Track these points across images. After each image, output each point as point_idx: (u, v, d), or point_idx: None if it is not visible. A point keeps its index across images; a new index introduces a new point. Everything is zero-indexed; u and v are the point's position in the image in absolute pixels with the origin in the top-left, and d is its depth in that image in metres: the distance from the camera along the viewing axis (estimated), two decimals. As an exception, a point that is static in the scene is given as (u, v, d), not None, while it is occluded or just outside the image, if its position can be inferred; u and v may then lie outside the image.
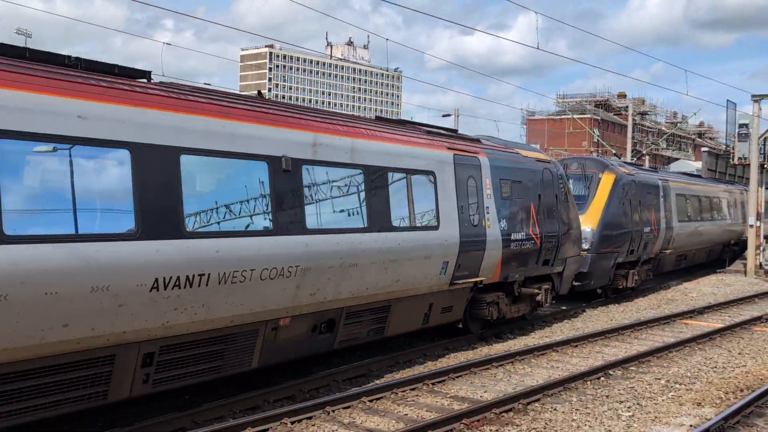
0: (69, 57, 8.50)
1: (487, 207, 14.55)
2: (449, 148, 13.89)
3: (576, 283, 19.52)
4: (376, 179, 11.70)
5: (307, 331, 10.86)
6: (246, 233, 9.38)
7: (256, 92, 11.52)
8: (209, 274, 8.75)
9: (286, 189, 10.03)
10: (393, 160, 12.14)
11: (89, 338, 7.75)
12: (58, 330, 7.38)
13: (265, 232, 9.62)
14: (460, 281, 13.85)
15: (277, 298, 9.87)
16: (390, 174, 12.04)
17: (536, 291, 16.47)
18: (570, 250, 17.81)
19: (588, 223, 20.29)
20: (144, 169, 8.19)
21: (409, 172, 12.49)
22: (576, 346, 14.99)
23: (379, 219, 11.64)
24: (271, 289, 9.67)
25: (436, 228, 12.96)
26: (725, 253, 34.84)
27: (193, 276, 8.57)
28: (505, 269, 15.17)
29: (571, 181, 20.67)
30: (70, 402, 7.91)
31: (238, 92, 11.55)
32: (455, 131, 15.97)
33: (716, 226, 31.99)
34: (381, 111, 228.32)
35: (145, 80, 9.13)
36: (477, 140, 15.63)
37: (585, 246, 19.67)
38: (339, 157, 11.05)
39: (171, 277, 8.32)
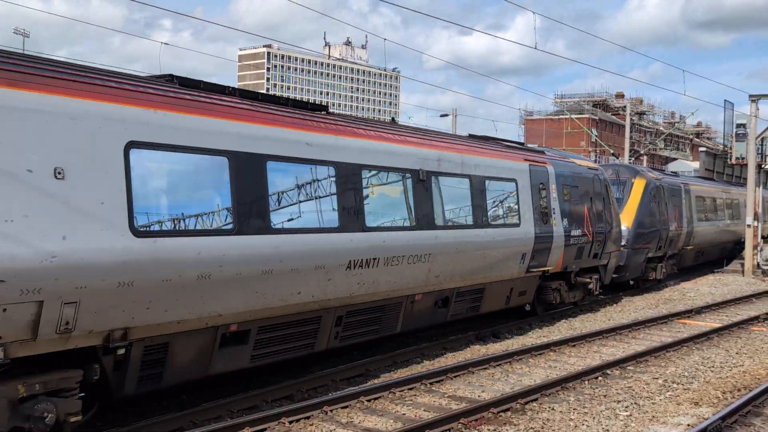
0: (258, 94, 11.20)
1: (554, 208, 17.39)
2: (525, 159, 16.73)
3: (614, 275, 21.89)
4: (477, 185, 14.65)
5: (431, 306, 13.94)
6: (399, 228, 12.49)
7: (390, 118, 14.41)
8: (379, 258, 11.87)
9: (422, 195, 13.13)
10: (488, 170, 15.07)
11: (310, 302, 10.79)
12: (295, 296, 10.39)
13: (409, 228, 12.71)
14: (534, 270, 16.76)
15: (415, 279, 12.96)
16: (486, 181, 14.97)
17: (588, 280, 19.38)
18: (613, 245, 20.59)
19: (624, 222, 22.69)
20: (342, 182, 11.37)
21: (499, 179, 15.43)
22: (574, 345, 15.00)
23: (479, 217, 14.61)
24: (411, 271, 12.76)
25: (518, 225, 15.82)
26: (736, 250, 36.52)
27: (370, 259, 11.68)
28: (566, 261, 17.97)
29: None
30: (295, 349, 11.10)
31: (385, 120, 15.24)
32: (523, 144, 19.89)
33: (730, 225, 34.85)
34: (379, 111, 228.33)
35: (324, 112, 12.06)
36: (542, 152, 18.65)
37: (622, 242, 21.91)
38: (453, 168, 14.12)
39: (358, 260, 11.43)
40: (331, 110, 12.54)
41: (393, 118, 14.06)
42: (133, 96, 8.44)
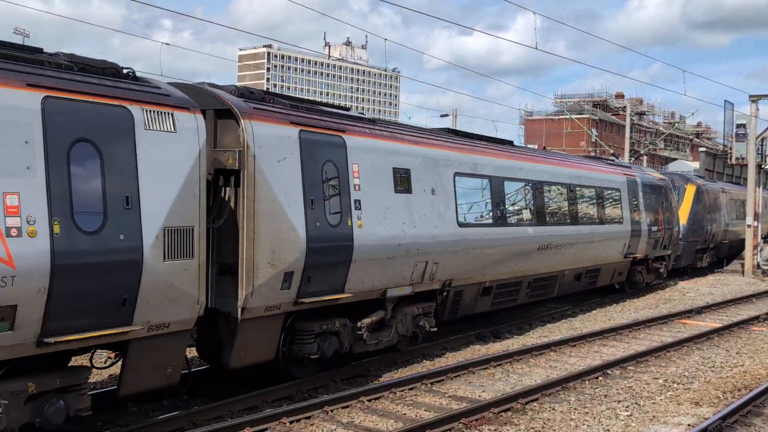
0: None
1: (642, 210, 22.95)
2: (623, 173, 22.70)
3: (673, 262, 27.23)
4: (599, 193, 20.40)
5: (572, 279, 19.39)
6: (561, 224, 18.20)
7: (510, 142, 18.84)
8: (551, 244, 17.40)
9: (572, 201, 18.83)
10: (604, 182, 20.89)
11: (514, 272, 16.22)
12: (513, 267, 16.04)
13: (566, 224, 18.39)
14: (628, 256, 22.33)
15: (566, 260, 18.46)
16: (604, 190, 20.74)
17: (659, 265, 25.11)
18: (675, 239, 26.10)
19: (680, 220, 27.76)
20: (535, 193, 17.14)
21: (610, 189, 21.21)
22: (574, 345, 15.01)
23: (601, 217, 20.34)
24: (565, 254, 18.30)
25: (621, 223, 21.58)
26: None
27: (547, 245, 17.29)
28: (647, 250, 23.57)
29: None
30: (509, 301, 16.69)
31: (514, 144, 18.95)
32: (614, 159, 28.59)
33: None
34: (379, 111, 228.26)
35: (511, 144, 18.06)
36: (629, 167, 25.49)
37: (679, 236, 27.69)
38: (587, 182, 19.81)
39: (542, 244, 17.06)
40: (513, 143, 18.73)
41: (512, 142, 19.43)
42: (455, 147, 14.63)
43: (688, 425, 9.69)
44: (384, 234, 11.92)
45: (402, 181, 12.59)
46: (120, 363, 8.68)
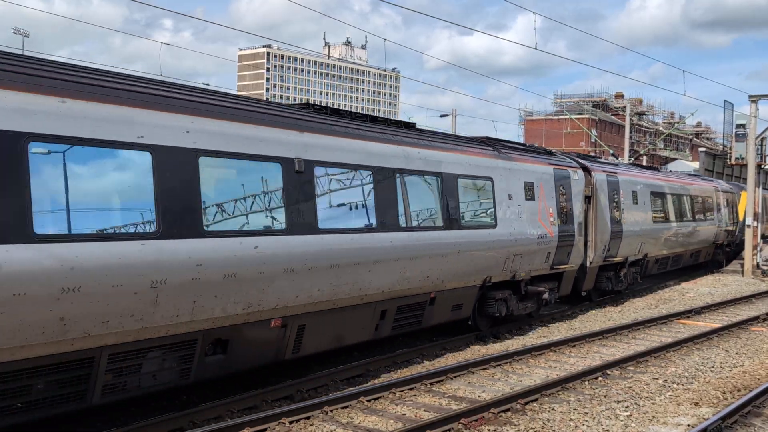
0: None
1: (722, 209, 32.76)
2: (713, 186, 32.64)
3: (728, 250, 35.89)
4: (691, 200, 28.52)
5: (655, 265, 25.51)
6: (666, 221, 26.05)
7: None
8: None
9: (630, 204, 22.79)
10: (695, 191, 28.73)
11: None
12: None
13: (674, 221, 25.85)
14: (718, 241, 32.04)
15: (658, 247, 25.38)
16: (699, 197, 28.66)
17: (728, 250, 35.01)
18: (737, 231, 35.47)
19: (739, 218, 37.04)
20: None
21: (702, 197, 29.54)
22: (574, 346, 15.01)
23: (700, 214, 29.36)
24: (661, 243, 25.38)
25: (713, 220, 30.50)
26: None
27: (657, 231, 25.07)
28: (726, 238, 33.21)
29: None
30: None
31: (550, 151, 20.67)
32: (695, 174, 40.73)
33: None
34: (379, 111, 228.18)
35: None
36: (712, 180, 34.74)
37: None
38: (658, 188, 25.61)
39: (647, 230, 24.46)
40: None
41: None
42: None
43: (688, 425, 9.69)
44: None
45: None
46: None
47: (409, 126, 14.27)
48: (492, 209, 15.12)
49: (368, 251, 11.38)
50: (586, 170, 20.13)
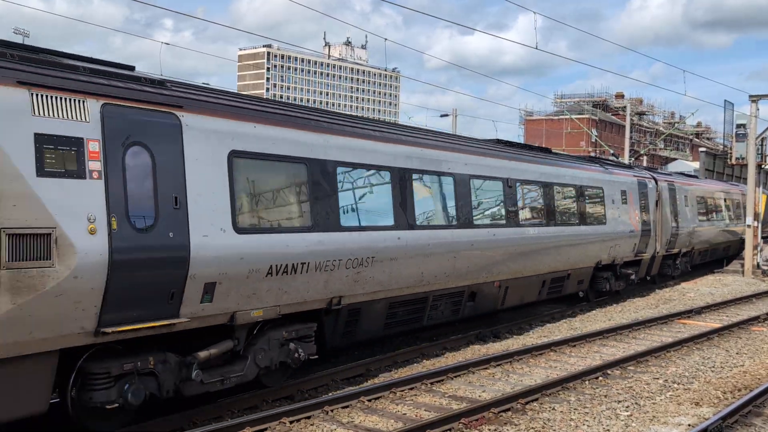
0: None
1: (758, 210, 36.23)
2: (740, 192, 37.41)
3: None
4: (730, 204, 35.05)
5: (698, 256, 30.52)
6: (711, 220, 32.10)
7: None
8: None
9: (684, 206, 27.22)
10: (730, 196, 35.53)
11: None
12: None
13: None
14: (734, 239, 35.39)
15: (705, 241, 31.71)
16: (737, 200, 36.62)
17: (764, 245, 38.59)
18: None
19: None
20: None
21: (731, 201, 35.30)
22: (574, 345, 15.00)
23: (732, 216, 35.01)
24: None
25: (741, 219, 34.53)
26: None
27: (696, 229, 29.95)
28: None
29: None
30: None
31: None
32: (726, 181, 42.07)
33: None
34: (379, 111, 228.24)
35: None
36: (737, 185, 38.49)
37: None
38: (703, 194, 30.73)
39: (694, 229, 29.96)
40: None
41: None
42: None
43: (688, 425, 9.68)
44: None
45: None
46: None
47: (546, 151, 19.92)
48: (603, 211, 20.59)
49: (544, 240, 17.24)
50: (654, 180, 25.23)
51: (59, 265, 7.35)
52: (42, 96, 7.48)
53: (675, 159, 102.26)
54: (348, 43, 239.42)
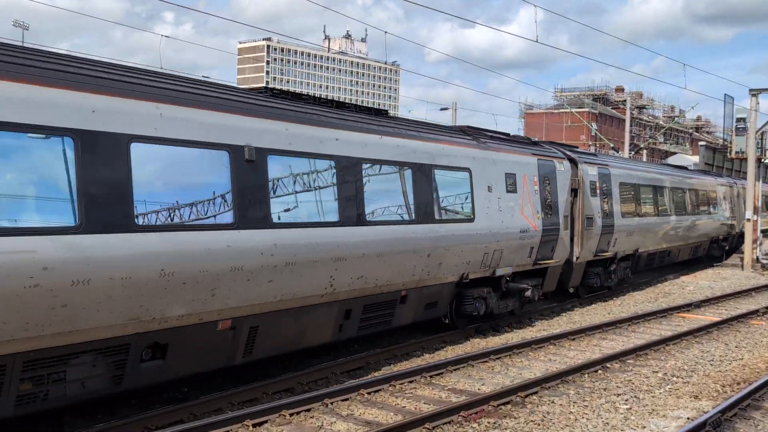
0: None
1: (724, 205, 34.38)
2: (726, 183, 35.04)
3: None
4: (699, 195, 30.21)
5: (647, 261, 25.30)
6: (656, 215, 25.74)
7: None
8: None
9: (624, 198, 22.38)
10: (715, 189, 32.50)
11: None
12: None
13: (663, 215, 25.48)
14: (704, 239, 31.54)
15: (678, 238, 27.76)
16: (708, 193, 31.70)
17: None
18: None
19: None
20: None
21: (717, 194, 32.72)
22: (574, 339, 15.02)
23: (708, 211, 31.07)
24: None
25: (717, 214, 31.91)
26: None
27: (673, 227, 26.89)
28: (725, 232, 33.83)
29: None
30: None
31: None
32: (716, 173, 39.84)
33: None
34: (379, 104, 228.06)
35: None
36: (718, 176, 36.58)
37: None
38: (655, 183, 25.61)
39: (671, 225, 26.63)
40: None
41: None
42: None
43: (687, 419, 9.70)
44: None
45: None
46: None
47: (381, 113, 13.69)
48: (470, 202, 14.42)
49: (340, 248, 11.05)
50: (573, 162, 19.49)
51: None
52: None
53: (675, 153, 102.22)
54: (348, 37, 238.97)
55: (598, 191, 20.41)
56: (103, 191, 7.93)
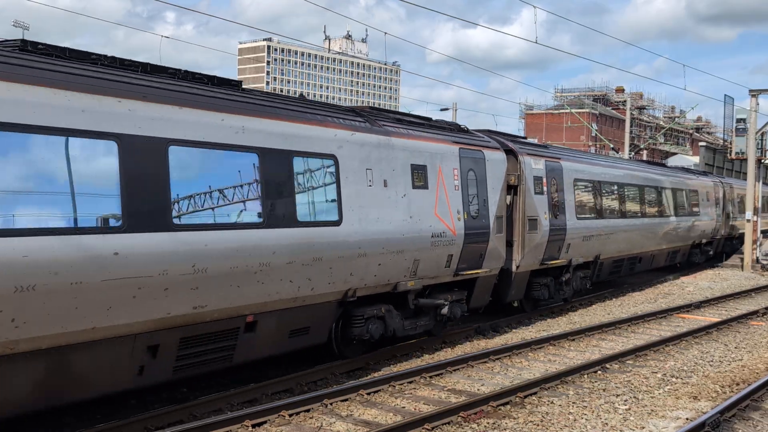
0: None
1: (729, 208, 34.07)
2: (713, 182, 32.94)
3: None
4: (683, 194, 28.11)
5: (610, 269, 22.22)
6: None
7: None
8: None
9: (581, 197, 19.72)
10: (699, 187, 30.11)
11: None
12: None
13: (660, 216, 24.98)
14: (684, 244, 28.90)
15: (649, 242, 24.54)
16: (691, 192, 29.21)
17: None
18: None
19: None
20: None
21: (700, 195, 30.26)
22: (573, 339, 15.03)
23: (684, 210, 28.21)
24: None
25: (700, 215, 29.86)
26: None
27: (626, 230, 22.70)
28: (721, 232, 33.55)
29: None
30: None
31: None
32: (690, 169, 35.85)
33: None
34: (379, 105, 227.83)
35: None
36: (704, 173, 35.13)
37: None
38: (618, 179, 22.45)
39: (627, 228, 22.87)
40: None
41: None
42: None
43: (687, 419, 9.71)
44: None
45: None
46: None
47: (230, 84, 10.40)
48: (336, 200, 11.08)
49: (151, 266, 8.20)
50: (511, 153, 16.44)
51: None
52: None
53: (675, 153, 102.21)
54: (348, 37, 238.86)
55: (545, 188, 17.41)
56: None
